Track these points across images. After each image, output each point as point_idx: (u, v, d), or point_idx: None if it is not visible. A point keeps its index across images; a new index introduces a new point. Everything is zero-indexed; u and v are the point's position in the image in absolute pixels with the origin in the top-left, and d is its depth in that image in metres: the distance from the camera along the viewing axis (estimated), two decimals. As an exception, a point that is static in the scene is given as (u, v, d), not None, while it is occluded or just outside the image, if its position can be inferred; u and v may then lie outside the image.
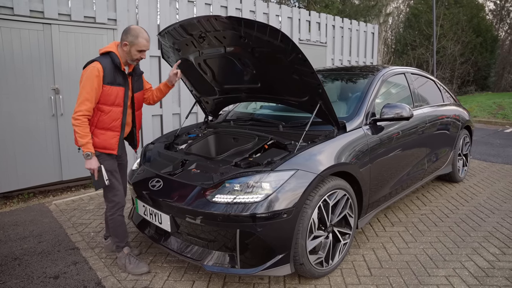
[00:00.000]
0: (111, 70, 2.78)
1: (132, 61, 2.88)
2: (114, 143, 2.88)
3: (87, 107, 2.70)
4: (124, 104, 2.90)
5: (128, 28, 2.83)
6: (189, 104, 6.23)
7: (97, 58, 2.79)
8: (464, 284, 2.80)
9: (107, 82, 2.76)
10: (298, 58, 2.74)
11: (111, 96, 2.80)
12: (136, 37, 2.79)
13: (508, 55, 26.85)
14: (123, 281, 2.88)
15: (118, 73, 2.83)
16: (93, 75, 2.70)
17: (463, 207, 4.41)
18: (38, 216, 4.22)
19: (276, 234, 2.52)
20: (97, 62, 2.75)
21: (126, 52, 2.84)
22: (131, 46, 2.80)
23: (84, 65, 2.83)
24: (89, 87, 2.69)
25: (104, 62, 2.76)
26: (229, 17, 2.69)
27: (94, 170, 2.78)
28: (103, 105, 2.80)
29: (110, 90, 2.78)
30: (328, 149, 2.89)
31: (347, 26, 9.51)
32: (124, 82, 2.89)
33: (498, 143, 8.72)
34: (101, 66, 2.73)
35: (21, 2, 4.54)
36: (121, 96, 2.86)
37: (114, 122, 2.87)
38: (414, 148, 4.00)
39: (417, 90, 4.43)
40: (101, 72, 2.73)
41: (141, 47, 2.82)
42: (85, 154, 2.74)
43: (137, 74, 3.06)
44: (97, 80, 2.71)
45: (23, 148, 4.78)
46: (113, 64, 2.79)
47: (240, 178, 2.61)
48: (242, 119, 3.98)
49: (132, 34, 2.79)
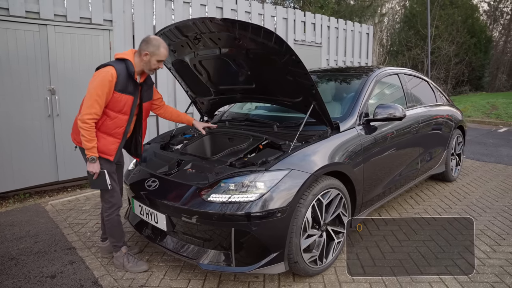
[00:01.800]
0: (124, 78, 2.77)
1: (149, 70, 2.89)
2: (113, 149, 2.88)
3: (96, 110, 2.69)
4: (130, 113, 2.90)
5: (148, 38, 2.83)
6: (184, 105, 6.24)
7: (112, 63, 2.78)
8: (456, 281, 2.85)
9: (118, 89, 2.75)
10: (291, 60, 2.78)
11: (120, 103, 2.80)
12: (158, 48, 2.80)
13: (502, 56, 27.05)
14: (119, 280, 2.91)
15: (130, 82, 2.82)
16: (107, 79, 2.68)
17: (456, 206, 4.47)
18: (34, 216, 4.23)
19: (270, 232, 2.56)
20: (112, 67, 2.73)
21: (145, 62, 2.83)
22: (151, 56, 2.81)
23: (98, 66, 2.83)
24: (101, 91, 2.67)
25: (119, 69, 2.75)
26: (224, 19, 2.72)
27: (96, 173, 2.80)
28: (110, 111, 2.80)
29: (120, 97, 2.78)
30: (321, 149, 2.94)
31: (342, 26, 9.56)
32: (135, 91, 2.88)
33: (491, 142, 8.80)
34: (115, 72, 2.71)
35: (17, 2, 4.55)
36: (129, 104, 2.86)
37: (117, 129, 2.87)
38: (407, 148, 4.05)
39: (411, 91, 4.49)
40: (115, 78, 2.71)
41: (162, 57, 2.84)
42: (90, 158, 2.74)
43: (148, 85, 3.06)
44: (110, 85, 2.69)
45: (19, 149, 4.79)
46: (127, 72, 2.78)
47: (235, 177, 2.64)
48: (237, 120, 4.02)
49: (153, 44, 2.80)
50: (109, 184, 2.86)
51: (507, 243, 3.47)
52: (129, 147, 3.23)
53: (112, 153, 2.87)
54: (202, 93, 3.95)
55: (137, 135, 3.16)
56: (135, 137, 3.17)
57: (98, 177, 2.82)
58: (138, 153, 3.24)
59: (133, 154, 3.26)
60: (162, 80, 6.03)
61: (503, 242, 3.50)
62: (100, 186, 2.86)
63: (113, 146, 2.87)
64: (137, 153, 3.24)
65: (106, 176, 2.83)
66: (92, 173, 2.79)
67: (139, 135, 3.16)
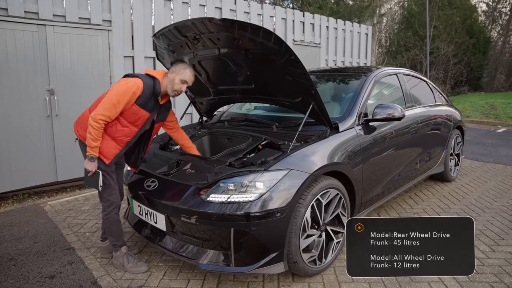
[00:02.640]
0: (149, 94, 2.83)
1: (171, 91, 2.92)
2: (112, 153, 2.88)
3: (111, 114, 2.72)
4: (141, 127, 2.94)
5: (177, 62, 2.98)
6: (183, 105, 6.24)
7: (141, 76, 2.84)
8: (455, 281, 2.86)
9: (139, 103, 2.80)
10: (291, 60, 2.78)
11: (135, 116, 2.84)
12: (185, 69, 2.92)
13: (501, 56, 27.10)
14: (118, 280, 2.90)
15: (152, 100, 2.87)
16: (131, 90, 2.73)
17: (455, 206, 4.48)
18: (33, 216, 4.23)
19: (269, 232, 2.56)
20: (141, 81, 2.79)
21: (169, 80, 2.89)
22: (176, 74, 2.88)
23: (126, 74, 2.89)
24: (122, 97, 2.71)
25: (146, 84, 2.80)
26: (223, 19, 2.72)
27: (92, 172, 2.82)
28: (123, 119, 2.83)
29: (137, 111, 2.82)
30: (321, 149, 2.94)
31: (341, 27, 9.57)
32: (153, 110, 2.92)
33: (490, 143, 8.82)
34: (142, 86, 2.77)
35: (16, 3, 4.55)
36: (143, 120, 2.90)
37: (123, 137, 2.89)
38: (406, 148, 4.06)
39: (410, 91, 4.49)
40: (140, 91, 2.76)
41: (186, 78, 2.91)
42: (90, 156, 2.76)
43: (166, 107, 3.12)
44: (132, 96, 2.74)
45: (18, 149, 4.79)
46: (153, 90, 2.84)
47: (234, 177, 2.64)
48: (236, 120, 4.02)
49: (181, 66, 2.92)
50: (100, 185, 2.87)
51: (506, 243, 3.48)
52: (129, 158, 3.24)
53: (110, 156, 2.88)
54: (201, 93, 3.96)
55: (141, 150, 3.19)
56: (138, 150, 3.19)
57: (92, 176, 2.85)
58: (136, 165, 3.25)
59: (131, 165, 3.27)
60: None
61: (502, 242, 3.51)
62: (92, 184, 2.89)
63: (113, 151, 2.88)
64: (135, 165, 3.25)
65: (100, 177, 2.85)
66: (88, 170, 2.82)
67: (143, 151, 3.20)
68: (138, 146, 3.18)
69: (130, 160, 3.23)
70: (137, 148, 3.18)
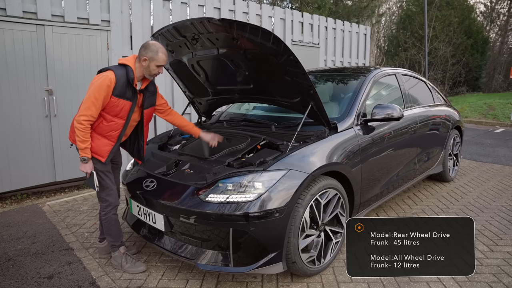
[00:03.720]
0: (123, 83, 2.79)
1: (149, 76, 2.90)
2: (106, 151, 2.88)
3: (92, 113, 2.71)
4: (127, 118, 2.91)
5: (147, 43, 2.85)
6: (182, 105, 6.24)
7: (113, 68, 2.80)
8: (454, 281, 2.86)
9: (116, 94, 2.77)
10: (289, 60, 2.78)
11: (117, 108, 2.82)
12: (156, 53, 2.81)
13: (499, 56, 27.17)
14: (117, 281, 2.90)
15: (129, 88, 2.84)
16: (105, 84, 2.70)
17: (454, 206, 4.48)
18: (31, 217, 4.22)
19: (268, 233, 2.56)
20: (112, 72, 2.76)
21: (144, 67, 2.85)
22: (150, 61, 2.82)
23: (99, 70, 2.86)
24: (98, 94, 2.69)
25: (119, 74, 2.77)
26: (222, 20, 2.72)
27: (87, 173, 2.83)
28: (106, 114, 2.82)
29: (117, 102, 2.80)
30: (319, 149, 2.94)
31: (339, 27, 9.58)
32: (133, 97, 2.89)
33: (488, 143, 8.83)
34: (114, 77, 2.74)
35: (14, 3, 4.54)
36: (126, 110, 2.87)
37: (112, 132, 2.88)
38: (405, 148, 4.06)
39: (408, 91, 4.50)
40: (113, 83, 2.73)
41: (160, 62, 2.84)
42: (82, 158, 2.77)
43: (150, 92, 3.07)
44: (107, 89, 2.72)
45: (16, 149, 4.78)
46: (126, 78, 2.81)
47: (233, 178, 2.64)
48: (235, 120, 4.01)
49: (151, 49, 2.81)
50: (96, 185, 2.88)
51: (504, 243, 3.48)
52: (132, 151, 3.24)
53: (104, 154, 2.88)
54: (200, 94, 3.95)
55: (140, 140, 3.18)
56: (137, 142, 3.19)
57: (90, 177, 2.86)
58: (140, 156, 3.26)
59: (136, 157, 3.29)
60: (160, 80, 6.01)
61: (501, 242, 3.51)
62: (90, 185, 2.91)
63: (106, 148, 2.88)
64: (139, 156, 3.26)
65: (95, 177, 2.86)
66: (84, 172, 2.83)
67: (141, 140, 3.19)
68: (136, 138, 3.18)
69: (133, 152, 3.24)
70: (136, 141, 3.18)
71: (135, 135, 3.17)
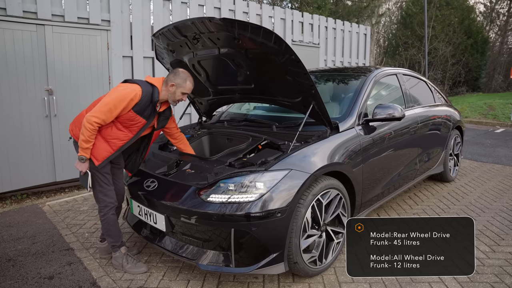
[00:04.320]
0: (146, 102, 2.81)
1: (173, 101, 2.95)
2: (103, 156, 2.85)
3: (106, 118, 2.71)
4: (136, 133, 2.92)
5: (177, 70, 2.93)
6: (183, 105, 6.23)
7: (141, 83, 2.82)
8: (455, 282, 2.85)
9: (136, 110, 2.78)
10: (291, 59, 2.77)
11: (131, 122, 2.83)
12: (185, 81, 2.89)
13: (498, 57, 27.17)
14: (118, 281, 2.89)
15: (150, 108, 2.86)
16: (129, 97, 2.71)
17: (455, 206, 4.48)
18: (31, 217, 4.21)
19: (270, 233, 2.55)
20: (140, 88, 2.77)
21: (170, 92, 2.89)
22: (177, 88, 2.88)
23: (126, 79, 2.88)
24: (119, 103, 2.70)
25: (145, 92, 2.79)
26: (223, 19, 2.71)
27: (82, 172, 2.84)
28: (119, 123, 2.82)
29: (134, 117, 2.81)
30: (321, 149, 2.93)
31: (339, 27, 9.57)
32: (150, 117, 2.91)
33: (488, 143, 8.83)
34: (141, 94, 2.76)
35: (14, 2, 4.53)
36: (139, 126, 2.89)
37: (117, 141, 2.87)
38: (406, 148, 4.05)
39: (409, 91, 4.49)
40: (137, 99, 2.75)
41: (186, 90, 2.92)
42: (80, 157, 2.77)
43: (165, 116, 3.10)
44: (130, 103, 2.73)
45: (16, 149, 4.77)
46: (151, 99, 2.83)
47: (234, 178, 2.63)
48: (235, 120, 4.01)
49: (181, 77, 2.88)
50: (89, 186, 2.88)
51: (506, 243, 3.48)
52: (127, 163, 3.23)
53: (101, 159, 2.84)
54: (201, 93, 3.94)
55: (140, 156, 3.19)
56: (136, 157, 3.19)
57: (84, 175, 2.87)
58: (133, 170, 3.24)
59: (128, 169, 3.26)
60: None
61: (502, 242, 3.51)
62: (82, 183, 2.92)
63: (104, 153, 2.85)
64: (132, 170, 3.24)
65: (89, 178, 2.86)
66: (79, 170, 2.84)
67: (141, 157, 3.19)
68: (136, 151, 3.18)
69: (127, 165, 3.23)
70: (136, 154, 3.19)
71: (136, 149, 3.17)
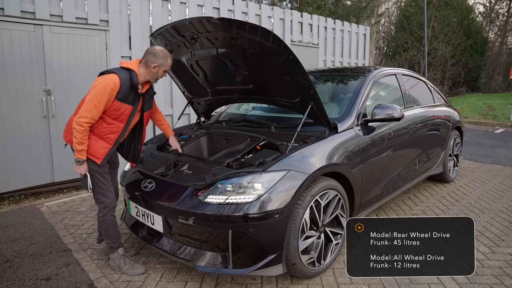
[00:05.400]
0: (127, 87, 2.77)
1: (155, 80, 2.93)
2: (102, 153, 2.85)
3: (93, 115, 2.69)
4: (127, 121, 2.90)
5: (154, 50, 2.85)
6: (181, 106, 6.22)
7: (117, 71, 2.77)
8: (455, 283, 2.84)
9: (119, 98, 2.75)
10: (289, 59, 2.76)
11: (118, 111, 2.80)
12: (166, 59, 2.86)
13: (498, 57, 27.17)
14: (115, 282, 2.87)
15: (132, 92, 2.83)
16: (109, 87, 2.67)
17: (454, 207, 4.46)
18: (29, 218, 4.19)
19: (268, 234, 2.53)
20: (117, 76, 2.73)
21: (152, 73, 2.87)
22: (160, 67, 2.86)
23: (101, 72, 2.83)
24: (101, 97, 2.67)
25: (123, 78, 2.75)
26: (221, 19, 2.70)
27: (82, 174, 2.83)
28: (107, 117, 2.80)
29: (119, 106, 2.78)
30: (319, 150, 2.92)
31: (339, 27, 9.56)
32: (135, 101, 2.88)
33: (488, 143, 8.82)
34: (119, 81, 2.71)
35: (12, 2, 4.51)
36: (127, 114, 2.86)
37: (110, 135, 2.86)
38: (405, 148, 4.04)
39: (408, 91, 4.48)
40: (117, 87, 2.71)
41: (168, 67, 2.91)
42: (77, 159, 2.76)
43: (150, 95, 3.07)
44: (111, 93, 2.69)
45: (14, 150, 4.75)
46: (131, 83, 2.79)
47: (232, 178, 2.62)
48: (234, 120, 3.99)
49: (161, 56, 2.83)
50: (89, 187, 2.86)
51: (506, 244, 3.46)
52: (127, 153, 3.21)
53: (101, 156, 2.85)
54: (199, 94, 3.93)
55: (137, 142, 3.16)
56: (134, 144, 3.17)
57: (84, 178, 2.86)
58: (135, 159, 3.23)
59: (130, 160, 3.25)
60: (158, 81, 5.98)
61: (502, 243, 3.49)
62: (84, 186, 2.90)
63: (102, 150, 2.85)
64: (134, 159, 3.23)
65: (88, 179, 2.85)
66: (78, 173, 2.83)
67: (139, 143, 3.17)
68: (133, 141, 3.16)
69: (128, 155, 3.22)
70: (133, 143, 3.16)
71: (131, 137, 3.15)
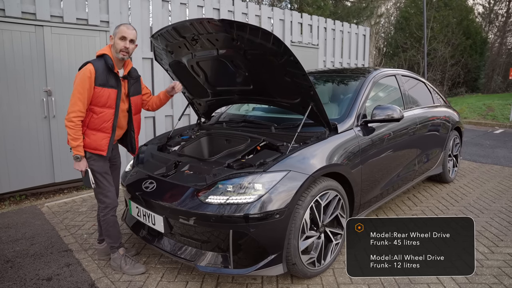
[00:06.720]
0: (104, 71, 2.81)
1: (119, 53, 2.85)
2: (104, 144, 2.88)
3: (79, 108, 2.73)
4: (116, 106, 2.91)
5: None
6: (181, 106, 6.23)
7: (91, 60, 2.83)
8: (454, 283, 2.85)
9: (99, 83, 2.78)
10: (290, 61, 2.77)
11: (103, 97, 2.82)
12: (118, 27, 2.87)
13: (497, 57, 27.19)
14: (116, 282, 2.88)
15: (110, 75, 2.85)
16: (85, 76, 2.73)
17: (454, 207, 4.48)
18: (30, 218, 4.20)
19: (268, 234, 2.54)
20: (90, 63, 2.79)
21: (114, 46, 2.87)
22: (115, 36, 2.86)
23: (79, 67, 2.86)
24: (81, 87, 2.72)
25: (97, 64, 2.80)
26: (222, 20, 2.71)
27: (82, 171, 2.84)
28: (94, 107, 2.82)
29: (101, 91, 2.80)
30: (320, 150, 2.93)
31: (338, 28, 9.57)
32: (117, 84, 2.90)
33: (487, 144, 8.83)
34: (93, 67, 2.76)
35: (13, 3, 4.52)
36: (113, 98, 2.87)
37: (105, 124, 2.88)
38: (405, 149, 4.05)
39: (408, 92, 4.49)
40: (93, 74, 2.75)
41: (122, 33, 2.84)
42: (75, 156, 2.77)
43: (134, 78, 3.06)
44: (89, 81, 2.74)
45: (15, 150, 4.76)
46: (106, 66, 2.82)
47: (233, 179, 2.63)
48: (234, 121, 4.00)
49: (115, 28, 2.89)
50: (92, 183, 2.88)
51: (505, 244, 3.48)
52: (126, 144, 3.24)
53: (104, 148, 2.89)
54: (200, 95, 3.94)
55: (130, 130, 3.17)
56: (129, 133, 3.18)
57: (85, 175, 2.87)
58: (133, 148, 3.24)
59: (129, 150, 3.28)
60: (159, 81, 6.01)
61: (501, 243, 3.51)
62: (86, 183, 2.91)
63: (103, 141, 2.88)
64: (132, 149, 3.25)
65: (90, 175, 2.86)
66: (79, 171, 2.84)
67: (132, 131, 3.16)
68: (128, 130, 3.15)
69: (127, 147, 3.24)
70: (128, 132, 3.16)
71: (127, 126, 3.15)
